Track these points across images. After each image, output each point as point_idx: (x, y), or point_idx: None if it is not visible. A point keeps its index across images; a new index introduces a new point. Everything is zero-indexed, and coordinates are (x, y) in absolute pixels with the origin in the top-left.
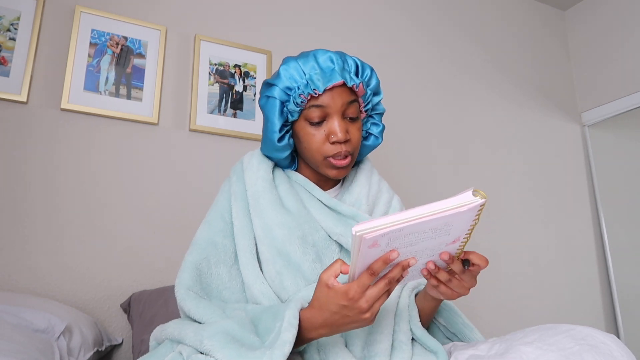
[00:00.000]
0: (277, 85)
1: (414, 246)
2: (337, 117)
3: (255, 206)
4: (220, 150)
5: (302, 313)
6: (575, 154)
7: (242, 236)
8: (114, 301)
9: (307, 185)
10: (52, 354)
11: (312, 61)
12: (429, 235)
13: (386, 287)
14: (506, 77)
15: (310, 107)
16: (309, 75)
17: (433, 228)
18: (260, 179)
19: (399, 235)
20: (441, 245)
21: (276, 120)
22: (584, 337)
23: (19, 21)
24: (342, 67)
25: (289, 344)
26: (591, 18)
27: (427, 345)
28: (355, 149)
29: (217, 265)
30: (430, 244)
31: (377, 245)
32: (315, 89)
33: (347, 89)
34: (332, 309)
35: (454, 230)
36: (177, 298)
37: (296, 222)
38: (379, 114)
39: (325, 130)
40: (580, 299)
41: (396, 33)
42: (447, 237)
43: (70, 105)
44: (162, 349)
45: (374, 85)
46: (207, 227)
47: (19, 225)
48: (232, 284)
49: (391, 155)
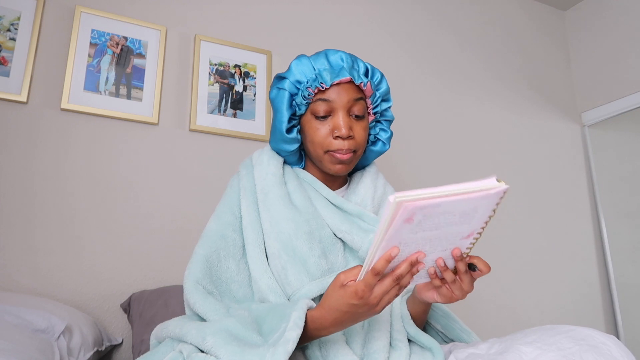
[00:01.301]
0: (287, 79)
1: (438, 230)
2: (342, 112)
3: (264, 200)
4: (220, 151)
5: (311, 313)
6: (575, 154)
7: (250, 230)
8: (114, 301)
9: (314, 184)
10: (52, 354)
11: (323, 58)
12: (456, 219)
13: (394, 284)
14: (506, 77)
15: (317, 100)
16: (318, 70)
17: (462, 211)
18: (270, 174)
19: (434, 212)
20: (457, 238)
21: (284, 110)
22: (584, 337)
23: (19, 21)
24: (351, 65)
25: (292, 342)
26: (591, 18)
27: (421, 342)
28: (359, 147)
29: (226, 258)
30: (453, 230)
31: (411, 220)
32: (322, 82)
33: (355, 87)
34: (343, 309)
35: (475, 220)
36: (185, 289)
37: (303, 218)
38: (387, 120)
39: (330, 125)
40: (580, 299)
41: (396, 34)
42: (468, 227)
43: (70, 105)
44: (163, 347)
45: (384, 91)
46: (216, 220)
47: (19, 225)
48: (240, 277)
49: (391, 155)
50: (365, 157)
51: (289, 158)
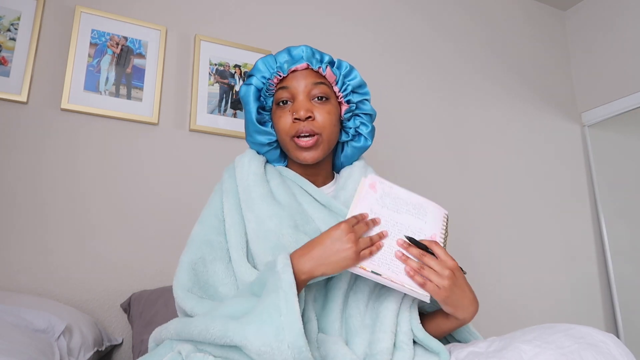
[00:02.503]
0: (254, 75)
1: (399, 215)
2: (302, 96)
3: (246, 200)
4: (220, 151)
5: (292, 253)
6: (575, 154)
7: (233, 232)
8: (114, 301)
9: (299, 181)
10: (52, 354)
11: (285, 53)
12: (410, 210)
13: (367, 232)
14: (506, 77)
15: (278, 89)
16: (279, 63)
17: (414, 203)
18: (251, 173)
19: (391, 192)
20: (420, 233)
21: (251, 102)
22: (583, 336)
23: (19, 21)
24: (310, 55)
25: (289, 267)
26: (591, 18)
27: (430, 347)
28: (323, 130)
29: (212, 262)
30: (413, 222)
31: (374, 188)
32: (279, 70)
33: (314, 73)
34: (321, 241)
35: (429, 222)
36: (177, 299)
37: (287, 213)
38: (367, 114)
39: (290, 110)
40: (580, 299)
41: (396, 35)
42: (424, 225)
43: (70, 105)
44: (161, 349)
45: (356, 82)
46: (201, 226)
47: (18, 225)
48: (229, 280)
49: (392, 155)
50: (349, 154)
51: (270, 155)
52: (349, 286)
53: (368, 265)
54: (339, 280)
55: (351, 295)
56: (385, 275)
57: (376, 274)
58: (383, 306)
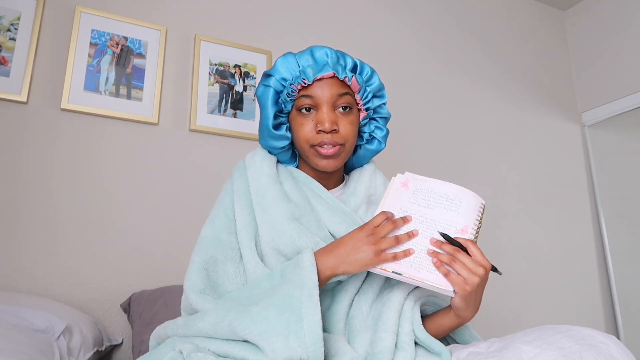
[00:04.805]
0: (273, 76)
1: (431, 210)
2: (326, 107)
3: (260, 202)
4: (220, 151)
5: (316, 252)
6: (575, 154)
7: (244, 233)
8: (114, 301)
9: (310, 184)
10: (52, 354)
11: (307, 55)
12: (443, 203)
13: (392, 231)
14: (506, 77)
15: (301, 96)
16: (302, 67)
17: (448, 195)
18: (264, 174)
19: (424, 187)
20: (451, 229)
21: (269, 106)
22: (584, 337)
23: (19, 21)
24: (336, 60)
25: (311, 258)
26: (591, 18)
27: (431, 348)
28: (346, 141)
29: (223, 262)
30: (445, 216)
31: (407, 186)
32: (304, 78)
33: (339, 82)
34: (344, 241)
35: (463, 212)
36: (191, 302)
37: (301, 215)
38: (383, 117)
39: (314, 120)
40: (580, 299)
41: (396, 34)
42: (457, 217)
43: (70, 105)
44: (163, 348)
45: (375, 87)
46: (211, 225)
47: (18, 225)
48: (240, 280)
49: (392, 155)
50: (361, 156)
51: (281, 156)
52: (357, 290)
53: (389, 265)
54: (348, 284)
55: (356, 298)
56: (407, 274)
57: (397, 273)
58: (385, 307)
